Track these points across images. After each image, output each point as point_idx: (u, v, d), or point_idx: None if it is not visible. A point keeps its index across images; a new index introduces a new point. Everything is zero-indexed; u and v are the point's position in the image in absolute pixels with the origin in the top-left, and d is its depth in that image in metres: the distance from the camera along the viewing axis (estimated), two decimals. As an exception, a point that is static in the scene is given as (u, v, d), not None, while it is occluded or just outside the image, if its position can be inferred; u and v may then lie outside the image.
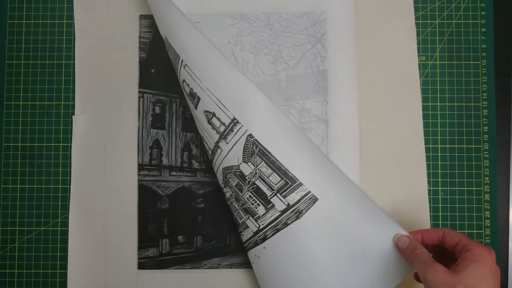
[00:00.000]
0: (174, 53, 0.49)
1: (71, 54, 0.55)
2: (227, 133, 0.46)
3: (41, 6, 0.56)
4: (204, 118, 0.48)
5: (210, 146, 0.49)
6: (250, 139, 0.45)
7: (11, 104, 0.55)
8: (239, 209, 0.48)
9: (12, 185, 0.54)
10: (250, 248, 0.48)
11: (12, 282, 0.53)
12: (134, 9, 0.55)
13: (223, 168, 0.48)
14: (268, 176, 0.45)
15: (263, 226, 0.46)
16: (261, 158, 0.45)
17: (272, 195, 0.46)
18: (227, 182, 0.48)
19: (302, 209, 0.45)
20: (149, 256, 0.53)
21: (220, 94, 0.46)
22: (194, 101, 0.48)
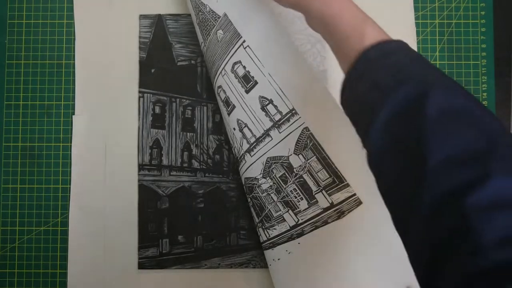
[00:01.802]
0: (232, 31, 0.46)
1: (71, 54, 0.55)
2: (283, 123, 0.45)
3: (41, 6, 0.56)
4: (257, 104, 0.46)
5: (256, 133, 0.47)
6: (306, 132, 0.44)
7: (11, 104, 0.55)
8: (278, 201, 0.47)
9: (12, 185, 0.54)
10: (282, 243, 0.47)
11: (12, 282, 0.53)
12: (134, 9, 0.55)
13: (268, 157, 0.47)
14: (317, 172, 0.45)
15: (302, 221, 0.46)
16: (313, 153, 0.45)
17: (317, 191, 0.45)
18: (269, 172, 0.47)
19: (345, 210, 0.44)
20: (149, 256, 0.53)
21: (283, 83, 0.45)
22: (247, 85, 0.47)
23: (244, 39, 0.46)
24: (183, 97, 0.55)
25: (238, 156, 0.50)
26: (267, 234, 0.49)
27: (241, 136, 0.49)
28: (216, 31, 0.48)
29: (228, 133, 0.51)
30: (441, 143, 0.25)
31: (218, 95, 0.50)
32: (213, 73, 0.50)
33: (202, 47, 0.50)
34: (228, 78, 0.48)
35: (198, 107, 0.55)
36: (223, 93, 0.49)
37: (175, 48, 0.55)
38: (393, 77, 0.28)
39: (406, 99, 0.27)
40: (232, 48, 0.47)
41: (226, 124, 0.50)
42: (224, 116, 0.51)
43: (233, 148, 0.50)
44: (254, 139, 0.48)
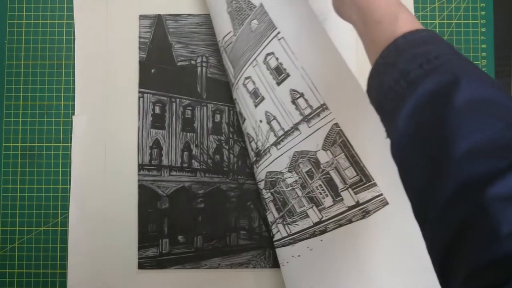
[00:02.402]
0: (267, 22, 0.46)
1: (71, 54, 0.55)
2: (312, 117, 0.45)
3: (41, 6, 0.56)
4: (287, 97, 0.46)
5: (284, 126, 0.47)
6: (336, 128, 0.44)
7: (11, 104, 0.55)
8: (303, 197, 0.46)
9: (12, 185, 0.54)
10: (303, 239, 0.47)
11: (12, 282, 0.53)
12: (134, 9, 0.55)
13: (296, 151, 0.46)
14: (344, 169, 0.44)
15: (326, 218, 0.45)
16: (342, 150, 0.44)
17: (343, 188, 0.44)
18: (296, 166, 0.47)
19: (370, 209, 0.43)
20: (149, 256, 0.53)
21: (315, 77, 0.44)
22: (279, 77, 0.46)
23: (279, 31, 0.45)
24: (183, 97, 0.55)
25: (262, 149, 0.49)
26: (288, 230, 0.48)
27: (268, 129, 0.48)
28: (251, 21, 0.47)
29: (249, 125, 0.50)
30: (467, 133, 0.25)
31: (244, 86, 0.49)
32: (242, 64, 0.49)
33: (229, 37, 0.50)
34: (259, 69, 0.47)
35: (198, 107, 0.55)
36: (252, 84, 0.49)
37: (175, 48, 0.55)
38: (421, 68, 0.28)
39: (434, 88, 0.27)
40: (266, 39, 0.46)
41: (249, 116, 0.50)
42: (246, 108, 0.50)
43: (256, 141, 0.49)
44: (282, 132, 0.47)
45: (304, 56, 0.45)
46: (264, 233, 0.53)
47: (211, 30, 0.55)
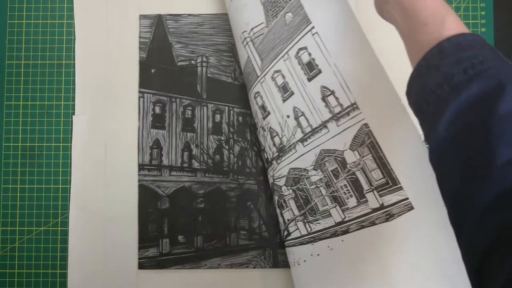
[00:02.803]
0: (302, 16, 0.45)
1: (71, 54, 0.55)
2: (342, 116, 0.44)
3: (41, 6, 0.56)
4: (318, 93, 0.45)
5: (312, 123, 0.46)
6: (365, 129, 0.43)
7: (11, 104, 0.55)
8: (327, 195, 0.46)
9: (12, 185, 0.54)
10: (324, 238, 0.46)
11: (12, 282, 0.53)
12: (134, 9, 0.55)
13: (322, 149, 0.46)
14: (370, 171, 0.43)
15: (348, 219, 0.45)
16: (370, 151, 0.43)
17: (369, 190, 0.44)
18: (322, 164, 0.46)
19: (394, 213, 0.42)
20: (149, 256, 0.53)
21: (348, 75, 0.43)
22: (310, 72, 0.46)
23: (313, 25, 0.45)
24: (183, 97, 0.55)
25: (287, 144, 0.48)
26: (308, 228, 0.47)
27: (296, 125, 0.48)
28: (285, 13, 0.47)
29: (273, 119, 0.49)
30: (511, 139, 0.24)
31: (273, 80, 0.49)
32: (272, 57, 0.48)
33: (260, 29, 0.49)
34: (291, 63, 0.47)
35: (198, 107, 0.55)
36: (281, 78, 0.48)
37: (175, 48, 0.55)
38: (466, 73, 0.28)
39: (479, 93, 0.27)
40: (299, 33, 0.46)
41: (275, 110, 0.49)
42: (272, 102, 0.49)
43: (280, 136, 0.49)
44: (310, 129, 0.46)
45: (337, 53, 0.44)
46: (264, 233, 0.53)
47: (211, 30, 0.55)
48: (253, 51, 0.50)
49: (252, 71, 0.50)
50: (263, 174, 0.54)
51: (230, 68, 0.55)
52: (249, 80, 0.51)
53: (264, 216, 0.53)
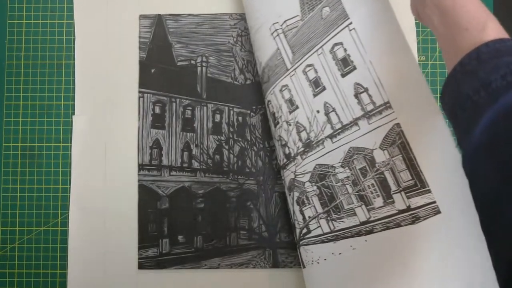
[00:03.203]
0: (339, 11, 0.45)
1: (71, 54, 0.55)
2: (374, 114, 0.44)
3: (41, 6, 0.56)
4: (351, 90, 0.45)
5: (343, 120, 0.45)
6: (397, 129, 0.42)
7: (11, 104, 0.55)
8: (353, 194, 0.45)
9: (12, 185, 0.54)
10: (347, 237, 0.46)
11: (12, 282, 0.53)
12: (134, 9, 0.55)
13: (352, 146, 0.45)
14: (399, 171, 0.43)
15: (374, 219, 0.44)
16: (400, 151, 0.42)
17: (396, 191, 0.43)
18: (350, 162, 0.45)
19: (421, 216, 0.41)
20: (149, 256, 0.53)
21: (383, 74, 0.43)
22: (345, 69, 0.45)
23: (351, 21, 0.44)
24: (183, 97, 0.55)
25: (315, 140, 0.48)
26: (331, 226, 0.47)
27: (326, 120, 0.47)
28: (322, 7, 0.46)
29: (302, 114, 0.49)
30: None
31: (304, 74, 0.48)
32: (305, 50, 0.48)
33: (294, 21, 0.48)
34: (325, 58, 0.46)
35: (198, 107, 0.55)
36: (314, 72, 0.47)
37: (175, 48, 0.55)
38: (504, 79, 0.27)
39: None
40: (336, 28, 0.45)
41: (305, 104, 0.48)
42: (302, 96, 0.48)
43: (308, 131, 0.48)
44: (340, 125, 0.46)
45: (374, 51, 0.43)
46: (264, 233, 0.53)
47: (211, 30, 0.55)
48: (285, 44, 0.49)
49: (280, 64, 0.50)
50: (263, 174, 0.54)
51: (230, 68, 0.55)
52: (275, 72, 0.51)
53: (264, 216, 0.53)
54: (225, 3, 0.55)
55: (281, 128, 0.51)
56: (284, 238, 0.53)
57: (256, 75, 0.55)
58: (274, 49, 0.50)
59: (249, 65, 0.55)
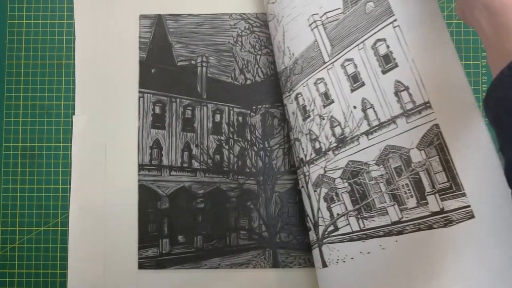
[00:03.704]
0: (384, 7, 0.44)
1: (71, 54, 0.55)
2: (413, 113, 0.43)
3: (41, 6, 0.56)
4: (391, 87, 0.44)
5: (381, 117, 0.45)
6: (435, 130, 0.42)
7: (11, 104, 0.55)
8: (386, 193, 0.45)
9: (12, 185, 0.54)
10: (377, 237, 0.45)
11: (12, 282, 0.53)
12: (134, 9, 0.55)
13: (388, 145, 0.44)
14: (435, 173, 0.42)
15: (405, 219, 0.43)
16: (437, 152, 0.42)
17: (430, 192, 0.42)
18: (385, 160, 0.45)
19: (454, 219, 0.41)
20: (149, 256, 0.53)
21: (425, 73, 0.42)
22: (386, 65, 0.44)
23: (396, 18, 0.43)
24: (183, 97, 0.55)
25: (349, 136, 0.47)
26: (361, 224, 0.46)
27: (362, 117, 0.46)
28: (366, 2, 0.45)
29: (337, 108, 0.48)
30: None
31: (342, 68, 0.47)
32: (345, 44, 0.47)
33: (335, 14, 0.47)
34: (366, 53, 0.45)
35: (198, 107, 0.55)
36: (353, 67, 0.47)
37: (175, 48, 0.55)
38: None
39: None
40: (379, 24, 0.44)
41: (341, 99, 0.47)
42: (338, 91, 0.48)
43: (343, 126, 0.48)
44: (377, 122, 0.45)
45: (417, 49, 0.43)
46: (264, 233, 0.53)
47: (211, 30, 0.55)
48: (323, 36, 0.48)
49: (317, 56, 0.49)
50: (263, 174, 0.54)
51: (230, 68, 0.55)
52: (310, 64, 0.49)
53: (264, 216, 0.53)
54: (225, 3, 0.55)
55: (312, 122, 0.50)
56: (284, 238, 0.53)
57: (255, 75, 0.55)
58: (311, 41, 0.49)
59: (249, 65, 0.55)
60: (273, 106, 0.55)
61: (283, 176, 0.54)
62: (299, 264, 0.52)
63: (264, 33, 0.55)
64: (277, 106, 0.55)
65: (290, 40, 0.51)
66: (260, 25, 0.55)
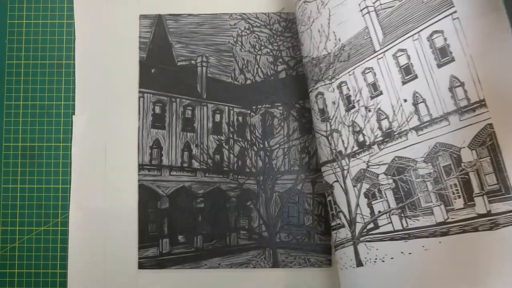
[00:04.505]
0: None
1: (71, 54, 0.55)
2: (467, 111, 0.41)
3: (41, 6, 0.56)
4: (446, 82, 0.42)
5: (433, 113, 0.43)
6: (489, 129, 0.40)
7: (11, 104, 0.55)
8: (433, 192, 0.43)
9: (12, 185, 0.54)
10: (420, 237, 0.43)
11: (12, 282, 0.53)
12: (134, 9, 0.55)
13: (438, 142, 0.43)
14: (485, 174, 0.41)
15: (451, 220, 0.42)
16: (489, 153, 0.40)
17: (479, 194, 0.41)
18: (434, 158, 0.43)
19: (500, 223, 0.39)
20: (149, 256, 0.53)
21: (482, 70, 0.41)
22: (442, 59, 0.43)
23: (455, 9, 0.42)
24: (183, 97, 0.55)
25: (397, 130, 0.45)
26: (404, 223, 0.44)
27: (413, 111, 0.44)
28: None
29: (385, 100, 0.46)
30: None
31: (394, 58, 0.45)
32: (399, 33, 0.45)
33: (389, 0, 0.46)
34: (421, 44, 0.44)
35: (198, 107, 0.55)
36: (406, 58, 0.45)
37: (175, 48, 0.55)
38: None
39: None
40: (437, 14, 0.42)
41: (390, 91, 0.46)
42: (388, 82, 0.46)
43: (391, 120, 0.46)
44: (428, 118, 0.43)
45: (477, 45, 0.41)
46: (264, 233, 0.53)
47: (211, 30, 0.55)
48: (376, 23, 0.46)
49: (367, 44, 0.47)
50: (263, 174, 0.54)
51: (230, 68, 0.55)
52: (359, 52, 0.47)
53: (264, 216, 0.53)
54: (225, 3, 0.56)
55: (357, 113, 0.47)
56: (284, 238, 0.53)
57: (255, 75, 0.55)
58: (362, 27, 0.47)
59: (249, 65, 0.55)
60: (273, 106, 0.55)
61: (283, 176, 0.54)
62: (299, 264, 0.52)
63: (264, 33, 0.55)
64: (277, 106, 0.55)
65: (337, 25, 0.48)
66: (260, 25, 0.55)
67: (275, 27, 0.55)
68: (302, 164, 0.54)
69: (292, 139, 0.54)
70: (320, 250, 0.52)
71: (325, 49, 0.49)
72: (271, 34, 0.55)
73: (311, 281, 0.52)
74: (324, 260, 0.52)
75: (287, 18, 0.55)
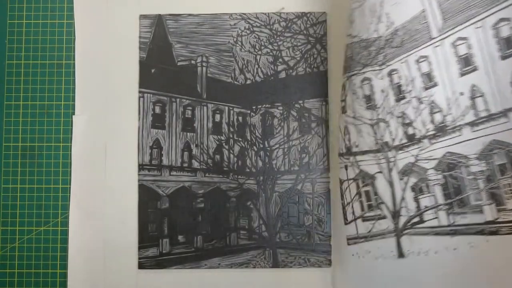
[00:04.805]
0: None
1: (71, 54, 0.55)
2: None
3: (41, 6, 0.56)
4: (508, 76, 0.40)
5: (491, 108, 0.41)
6: None
7: (11, 104, 0.55)
8: (485, 190, 0.42)
9: (12, 185, 0.54)
10: (467, 234, 0.42)
11: (12, 282, 0.53)
12: (134, 9, 0.55)
13: (494, 139, 0.41)
14: None
15: (502, 220, 0.40)
16: None
17: None
18: (488, 156, 0.41)
19: None
20: (149, 256, 0.53)
21: None
22: (508, 50, 0.40)
23: None
24: (183, 97, 0.55)
25: (451, 125, 0.43)
26: (451, 219, 0.43)
27: (469, 105, 0.42)
28: None
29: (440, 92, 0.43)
30: None
31: (453, 47, 0.43)
32: (460, 20, 0.42)
33: None
34: (484, 33, 0.41)
35: (198, 107, 0.55)
36: (466, 48, 0.42)
37: (175, 48, 0.55)
38: None
39: None
40: (503, 1, 0.40)
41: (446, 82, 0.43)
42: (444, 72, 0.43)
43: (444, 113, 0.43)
44: (486, 113, 0.41)
45: None
46: (264, 233, 0.53)
47: (211, 30, 0.55)
48: (435, 7, 0.43)
49: (424, 30, 0.44)
50: (263, 174, 0.54)
51: (230, 68, 0.55)
52: (413, 38, 0.45)
53: (264, 216, 0.53)
54: (225, 3, 0.56)
55: (408, 104, 0.45)
56: (284, 238, 0.53)
57: (255, 75, 0.55)
58: (418, 10, 0.43)
59: (249, 65, 0.55)
60: (273, 106, 0.55)
61: (283, 176, 0.54)
62: (299, 264, 0.52)
63: (264, 33, 0.55)
64: (277, 106, 0.55)
65: (391, 6, 0.44)
66: (260, 25, 0.55)
67: (275, 27, 0.55)
68: (302, 164, 0.54)
69: (292, 139, 0.54)
70: (320, 250, 0.52)
71: (376, 31, 0.45)
72: (271, 34, 0.55)
73: (311, 281, 0.52)
74: (324, 260, 0.52)
75: (287, 18, 0.55)
